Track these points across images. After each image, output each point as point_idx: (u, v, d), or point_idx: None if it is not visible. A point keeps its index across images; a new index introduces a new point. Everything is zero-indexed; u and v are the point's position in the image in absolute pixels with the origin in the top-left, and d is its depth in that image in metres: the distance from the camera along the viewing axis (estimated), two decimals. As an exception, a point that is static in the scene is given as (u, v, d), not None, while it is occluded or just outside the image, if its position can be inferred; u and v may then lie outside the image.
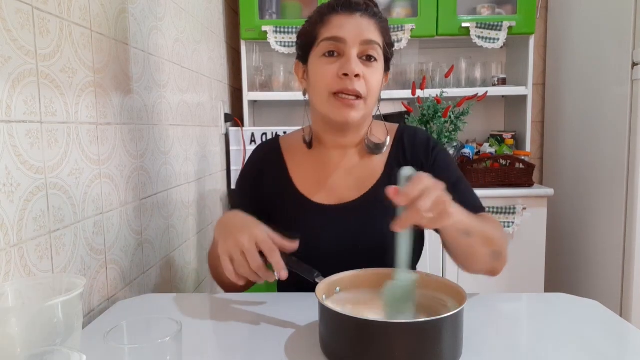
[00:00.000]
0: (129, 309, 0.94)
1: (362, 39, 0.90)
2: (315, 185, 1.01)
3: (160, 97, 1.38)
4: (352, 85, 0.89)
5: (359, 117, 0.92)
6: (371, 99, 0.93)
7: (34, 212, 0.80)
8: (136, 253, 1.20)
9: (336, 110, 0.91)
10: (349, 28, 0.90)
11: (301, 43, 0.98)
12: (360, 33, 0.90)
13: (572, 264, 2.25)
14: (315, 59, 0.93)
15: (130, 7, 1.18)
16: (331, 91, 0.90)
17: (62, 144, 0.89)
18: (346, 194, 0.99)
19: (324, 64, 0.91)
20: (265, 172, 1.05)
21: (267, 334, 0.80)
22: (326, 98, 0.92)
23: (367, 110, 0.94)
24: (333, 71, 0.90)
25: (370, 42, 0.90)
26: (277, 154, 1.06)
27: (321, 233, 0.98)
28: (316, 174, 1.02)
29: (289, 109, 2.53)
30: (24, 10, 0.78)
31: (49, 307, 0.60)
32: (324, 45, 0.91)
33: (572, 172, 2.26)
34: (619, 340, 0.80)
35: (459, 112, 2.02)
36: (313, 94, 0.95)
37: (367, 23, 0.91)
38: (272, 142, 1.09)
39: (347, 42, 0.89)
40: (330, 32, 0.91)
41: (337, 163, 1.01)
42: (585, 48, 2.13)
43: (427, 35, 2.22)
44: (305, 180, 1.02)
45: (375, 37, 0.92)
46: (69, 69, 0.91)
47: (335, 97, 0.90)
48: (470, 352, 0.71)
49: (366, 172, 1.01)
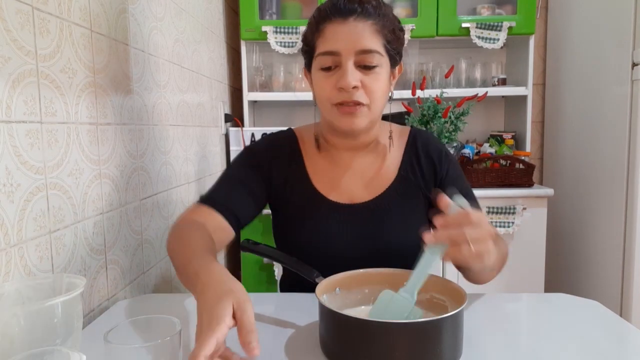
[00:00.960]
0: (129, 309, 0.94)
1: (357, 48, 0.87)
2: (329, 182, 1.01)
3: (160, 97, 1.38)
4: (350, 97, 0.88)
5: (364, 124, 0.91)
6: (375, 104, 0.91)
7: (34, 212, 0.80)
8: (136, 253, 1.20)
9: (340, 120, 0.91)
10: (342, 38, 0.87)
11: (304, 50, 0.97)
12: (356, 42, 0.87)
13: (572, 264, 2.25)
14: (315, 72, 0.93)
15: (130, 7, 1.18)
16: (332, 103, 0.90)
17: (62, 144, 0.89)
18: (358, 194, 0.99)
19: (322, 78, 0.91)
20: (281, 161, 1.02)
21: (267, 334, 0.80)
22: (329, 108, 0.91)
23: (372, 116, 0.92)
24: (331, 84, 0.89)
25: (366, 51, 0.87)
26: (295, 145, 1.04)
27: (332, 231, 0.97)
28: (330, 172, 1.01)
29: (289, 109, 2.52)
30: (24, 10, 0.78)
31: (49, 307, 0.60)
32: (320, 60, 0.90)
33: (572, 172, 2.26)
34: (619, 340, 0.80)
35: (459, 112, 2.02)
36: (319, 103, 0.95)
37: (362, 27, 0.88)
38: (289, 133, 1.07)
39: (342, 54, 0.87)
40: (325, 45, 0.89)
41: (348, 163, 1.01)
42: (585, 48, 2.13)
43: (427, 36, 2.22)
44: (320, 176, 1.01)
45: (372, 42, 0.88)
46: (69, 69, 0.91)
47: (338, 107, 0.90)
48: (470, 352, 0.71)
49: (378, 175, 1.00)
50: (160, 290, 1.34)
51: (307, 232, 0.99)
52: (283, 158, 1.02)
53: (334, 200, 0.99)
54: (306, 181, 1.01)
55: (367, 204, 0.98)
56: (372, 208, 0.98)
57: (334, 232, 0.97)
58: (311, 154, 1.03)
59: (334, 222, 0.98)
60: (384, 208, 0.98)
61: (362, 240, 0.97)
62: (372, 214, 0.98)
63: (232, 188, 0.98)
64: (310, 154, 1.03)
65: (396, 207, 0.98)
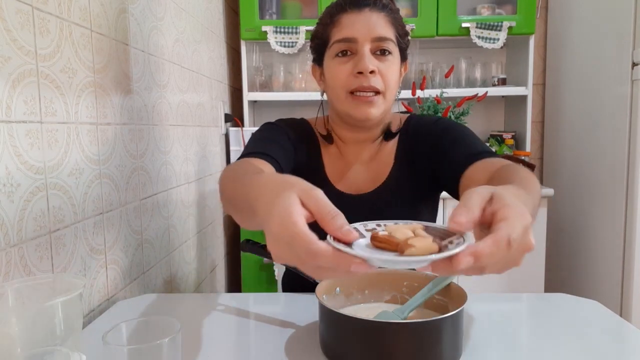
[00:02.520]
0: (128, 309, 0.94)
1: (373, 35, 0.89)
2: (338, 173, 1.02)
3: (160, 97, 1.38)
4: (367, 82, 0.88)
5: (379, 113, 0.92)
6: (390, 92, 0.92)
7: (34, 212, 0.80)
8: (136, 253, 1.20)
9: (356, 108, 0.91)
10: (359, 26, 0.90)
11: (315, 46, 0.98)
12: (371, 29, 0.89)
13: (572, 264, 2.25)
14: (329, 61, 0.94)
15: (130, 7, 1.18)
16: (348, 90, 0.90)
17: (62, 144, 0.89)
18: (363, 185, 1.00)
19: (338, 64, 0.92)
20: (298, 148, 1.01)
21: (267, 334, 0.80)
22: (344, 97, 0.92)
23: (386, 105, 0.93)
24: (348, 70, 0.90)
25: (381, 38, 0.90)
26: (312, 134, 1.04)
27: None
28: (338, 163, 1.02)
29: (289, 109, 2.52)
30: (24, 10, 0.78)
31: (49, 307, 0.60)
32: (336, 47, 0.91)
33: (572, 172, 2.26)
34: (619, 340, 0.80)
35: (459, 112, 2.02)
36: (331, 94, 0.95)
37: (376, 17, 0.91)
38: (304, 122, 1.06)
39: (359, 40, 0.89)
40: (341, 33, 0.91)
41: (355, 157, 1.02)
42: (585, 48, 2.13)
43: (427, 36, 2.22)
44: (331, 167, 1.02)
45: (387, 31, 0.91)
46: (69, 69, 0.91)
47: (353, 96, 0.90)
48: (470, 352, 0.71)
49: (380, 164, 1.01)
50: (160, 290, 1.34)
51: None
52: (302, 144, 1.02)
53: (343, 190, 1.00)
54: (321, 169, 1.02)
55: (371, 194, 0.99)
56: (375, 198, 0.99)
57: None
58: (325, 144, 1.04)
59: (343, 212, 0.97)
60: (386, 197, 0.99)
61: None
62: (376, 204, 0.98)
63: (266, 144, 0.94)
64: (324, 144, 1.04)
65: (395, 197, 0.99)
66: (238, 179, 0.67)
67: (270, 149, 0.91)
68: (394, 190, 0.99)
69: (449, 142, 0.93)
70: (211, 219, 1.89)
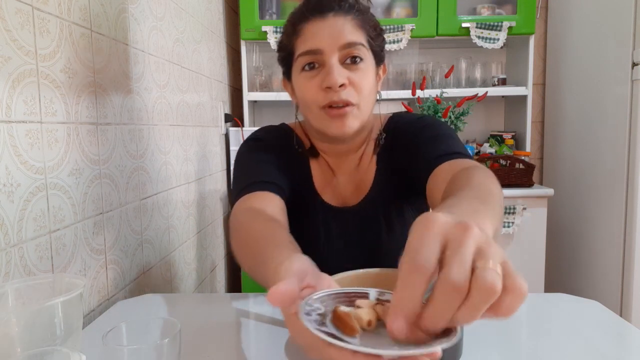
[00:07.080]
0: (128, 309, 0.94)
1: (340, 43, 0.81)
2: (325, 184, 0.98)
3: (160, 97, 1.38)
4: (338, 96, 0.81)
5: (355, 126, 0.84)
6: (365, 102, 0.85)
7: (34, 212, 0.80)
8: (136, 253, 1.20)
9: (330, 124, 0.84)
10: (324, 35, 0.82)
11: (281, 58, 0.91)
12: (338, 37, 0.81)
13: (572, 264, 2.25)
14: (296, 75, 0.87)
15: (130, 7, 1.18)
16: (319, 105, 0.83)
17: (62, 144, 0.89)
18: (349, 197, 0.97)
19: (305, 80, 0.84)
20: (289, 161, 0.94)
21: (267, 334, 0.79)
22: (317, 113, 0.85)
23: (362, 117, 0.85)
24: (316, 85, 0.83)
25: (350, 44, 0.82)
26: (299, 143, 0.98)
27: (327, 234, 0.96)
28: (325, 173, 0.98)
29: (289, 109, 2.52)
30: (24, 10, 0.78)
31: (49, 307, 0.60)
32: (301, 60, 0.84)
33: (572, 172, 2.26)
34: (619, 340, 0.80)
35: (459, 112, 2.02)
36: (304, 110, 0.89)
37: (342, 22, 0.83)
38: (287, 130, 1.00)
39: (325, 51, 0.82)
40: (306, 44, 0.83)
41: (339, 167, 0.98)
42: (585, 48, 2.13)
43: (427, 36, 2.22)
44: (318, 178, 0.98)
45: (356, 36, 0.83)
46: (69, 69, 0.91)
47: (326, 111, 0.83)
48: (470, 352, 0.71)
49: (363, 175, 0.97)
50: (160, 290, 1.34)
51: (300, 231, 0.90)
52: (292, 153, 0.97)
53: (328, 202, 0.97)
54: (308, 180, 0.98)
55: (356, 206, 0.96)
56: (359, 209, 0.95)
57: (327, 235, 0.96)
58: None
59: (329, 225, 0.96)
60: (369, 209, 0.95)
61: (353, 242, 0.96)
62: (360, 215, 0.95)
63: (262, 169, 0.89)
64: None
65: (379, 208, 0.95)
66: (250, 245, 0.67)
67: (269, 175, 0.87)
68: (378, 201, 0.95)
69: (426, 139, 0.88)
70: (211, 219, 1.89)
